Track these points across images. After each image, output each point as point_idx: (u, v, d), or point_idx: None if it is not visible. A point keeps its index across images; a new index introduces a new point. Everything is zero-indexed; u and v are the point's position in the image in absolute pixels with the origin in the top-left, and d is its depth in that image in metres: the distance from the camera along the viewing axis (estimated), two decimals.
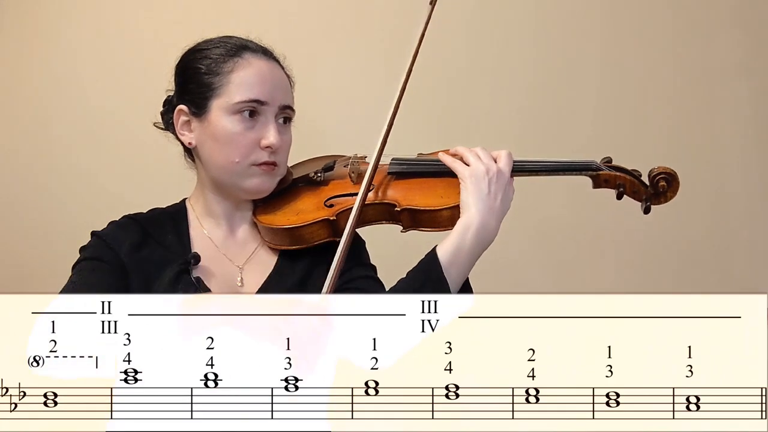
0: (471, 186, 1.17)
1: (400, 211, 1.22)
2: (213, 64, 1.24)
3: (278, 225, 1.25)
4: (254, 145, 1.23)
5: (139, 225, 1.27)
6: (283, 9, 2.30)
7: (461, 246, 1.15)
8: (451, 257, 1.14)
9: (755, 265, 2.26)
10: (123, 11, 2.30)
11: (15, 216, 2.31)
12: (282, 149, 1.26)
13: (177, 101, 1.29)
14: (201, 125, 1.25)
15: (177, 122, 1.28)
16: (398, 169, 1.29)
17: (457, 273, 1.15)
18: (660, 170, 1.24)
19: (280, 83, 1.27)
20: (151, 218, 1.30)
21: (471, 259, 1.16)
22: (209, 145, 1.25)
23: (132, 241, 1.24)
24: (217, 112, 1.23)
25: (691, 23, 2.29)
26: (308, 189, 1.32)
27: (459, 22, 2.28)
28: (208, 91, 1.24)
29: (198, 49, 1.28)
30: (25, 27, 2.31)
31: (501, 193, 1.18)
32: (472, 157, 1.21)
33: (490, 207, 1.17)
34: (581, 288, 2.15)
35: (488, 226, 1.16)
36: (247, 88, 1.23)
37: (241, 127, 1.23)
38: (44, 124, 2.32)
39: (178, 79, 1.31)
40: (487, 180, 1.17)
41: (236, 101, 1.22)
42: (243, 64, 1.24)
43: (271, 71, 1.26)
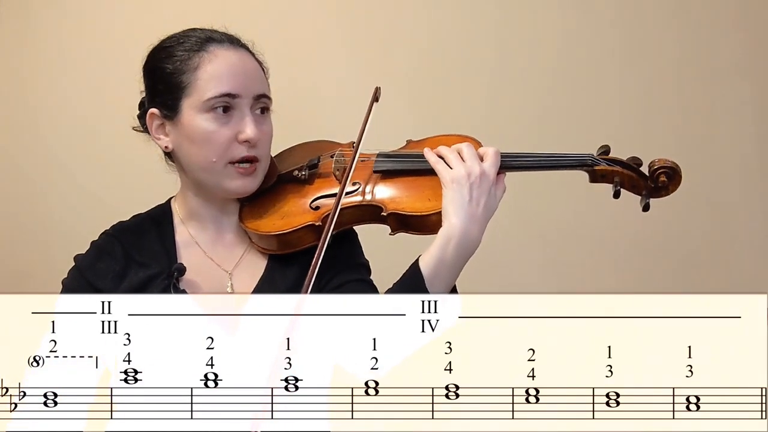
0: (451, 193, 1.11)
1: (387, 215, 1.19)
2: (179, 63, 1.19)
3: (264, 231, 1.22)
4: (231, 141, 1.18)
5: (120, 246, 1.22)
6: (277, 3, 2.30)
7: (443, 258, 1.10)
8: (434, 270, 1.10)
9: (755, 265, 2.26)
10: (115, 11, 2.30)
11: (15, 216, 2.31)
12: (262, 141, 1.20)
13: (148, 105, 1.23)
14: (175, 128, 1.20)
15: (151, 127, 1.23)
16: (385, 166, 1.24)
17: (441, 284, 1.11)
18: (661, 163, 1.16)
19: (251, 72, 1.21)
20: (133, 230, 1.25)
21: (454, 269, 1.11)
22: (186, 147, 1.20)
23: (114, 272, 1.20)
24: (189, 112, 1.18)
25: (691, 23, 2.29)
26: (293, 188, 1.28)
27: (458, 13, 2.28)
28: (177, 91, 1.18)
29: (161, 48, 1.23)
30: (19, 29, 2.31)
31: (484, 197, 1.12)
32: (454, 159, 1.14)
33: (472, 215, 1.11)
34: (581, 288, 2.14)
35: (470, 235, 1.10)
36: (216, 83, 1.17)
37: (215, 125, 1.17)
38: (44, 124, 2.32)
39: (146, 81, 1.25)
40: (468, 185, 1.11)
41: (207, 98, 1.16)
42: (209, 57, 1.18)
43: (240, 61, 1.20)
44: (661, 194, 1.18)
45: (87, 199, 2.25)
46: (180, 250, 1.24)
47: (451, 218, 1.10)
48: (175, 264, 1.18)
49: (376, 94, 1.24)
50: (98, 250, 1.23)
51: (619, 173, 1.17)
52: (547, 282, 2.23)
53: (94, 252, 1.23)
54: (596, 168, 1.17)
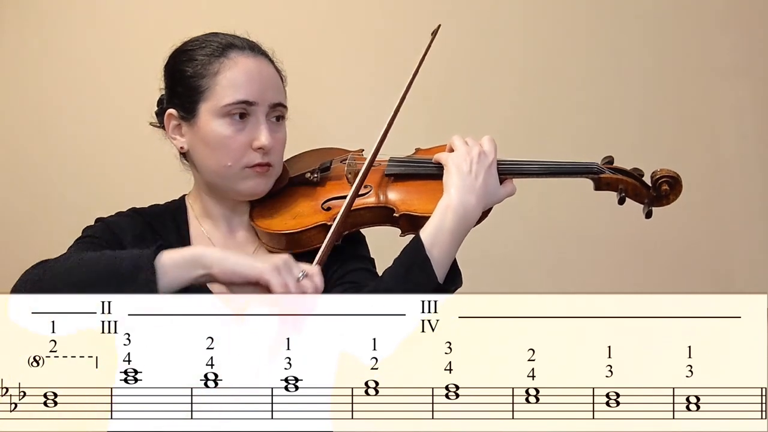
0: (452, 167, 1.17)
1: (399, 216, 1.21)
2: (199, 66, 1.21)
3: (275, 230, 1.24)
4: (246, 147, 1.21)
5: (143, 219, 1.26)
6: (285, 4, 2.30)
7: (442, 226, 1.13)
8: (433, 238, 1.12)
9: (755, 265, 2.26)
10: (123, 7, 2.30)
11: (15, 216, 2.31)
12: (275, 149, 1.23)
13: (167, 104, 1.26)
14: (191, 129, 1.23)
15: (168, 126, 1.26)
16: (396, 170, 1.27)
17: (440, 253, 1.13)
18: (663, 173, 1.22)
19: (269, 81, 1.24)
20: (154, 214, 1.29)
21: (453, 239, 1.14)
22: (201, 150, 1.23)
23: (135, 233, 1.23)
24: (207, 116, 1.21)
25: (691, 23, 2.29)
26: (304, 190, 1.30)
27: (464, 19, 2.28)
28: (195, 94, 1.21)
29: (183, 50, 1.25)
30: (24, 26, 2.31)
31: (483, 172, 1.17)
32: (457, 141, 1.22)
33: (471, 185, 1.16)
34: (581, 288, 2.14)
35: (467, 204, 1.15)
36: (234, 90, 1.19)
37: (231, 130, 1.20)
38: (44, 124, 2.32)
39: (166, 81, 1.28)
40: (468, 160, 1.17)
41: (224, 104, 1.19)
42: (229, 64, 1.21)
43: (258, 69, 1.23)
44: (662, 203, 1.23)
45: (88, 199, 2.25)
46: (194, 243, 1.26)
47: (450, 189, 1.16)
48: None
49: (435, 31, 1.35)
50: (122, 215, 1.28)
51: (623, 182, 1.23)
52: (547, 282, 2.23)
53: (117, 215, 1.28)
54: (601, 176, 1.23)
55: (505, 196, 1.21)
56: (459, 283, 1.17)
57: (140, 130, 1.34)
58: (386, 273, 1.15)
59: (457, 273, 1.17)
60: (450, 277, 1.15)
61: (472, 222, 1.16)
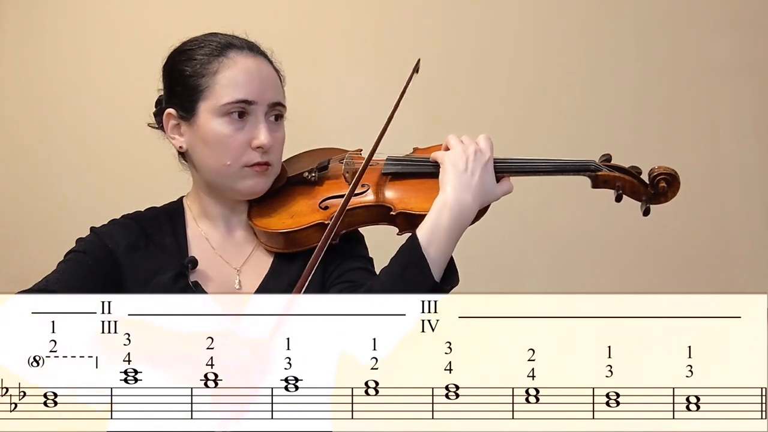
0: (448, 165, 1.17)
1: (396, 215, 1.21)
2: (198, 66, 1.22)
3: (273, 229, 1.24)
4: (245, 146, 1.21)
5: (137, 225, 1.26)
6: (284, 4, 2.30)
7: (438, 224, 1.13)
8: (429, 236, 1.12)
9: (755, 265, 2.26)
10: (123, 7, 2.30)
11: (15, 216, 2.31)
12: (274, 148, 1.24)
13: (166, 104, 1.26)
14: (190, 129, 1.23)
15: (167, 126, 1.26)
16: (393, 169, 1.27)
17: (437, 251, 1.13)
18: (661, 170, 1.21)
19: (268, 80, 1.24)
20: (149, 218, 1.29)
21: (450, 236, 1.14)
22: (200, 149, 1.23)
23: (129, 241, 1.23)
24: (206, 115, 1.21)
25: (688, 21, 2.29)
26: (302, 189, 1.31)
27: (460, 17, 2.28)
28: (194, 93, 1.21)
29: (182, 50, 1.26)
30: (24, 26, 2.31)
31: (479, 170, 1.17)
32: (453, 140, 1.22)
33: (467, 183, 1.15)
34: (581, 288, 2.14)
35: (463, 202, 1.14)
36: (233, 89, 1.20)
37: (230, 129, 1.20)
38: (44, 124, 2.32)
39: (165, 81, 1.28)
40: (465, 157, 1.17)
41: (223, 103, 1.20)
42: (228, 63, 1.21)
43: (257, 68, 1.23)
44: (660, 200, 1.22)
45: (88, 199, 2.25)
46: (191, 246, 1.27)
47: (446, 187, 1.16)
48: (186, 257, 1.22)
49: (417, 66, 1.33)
50: (115, 223, 1.27)
51: (621, 179, 1.22)
52: (547, 282, 2.23)
53: (111, 224, 1.27)
54: (599, 174, 1.22)
55: (502, 194, 1.21)
56: (456, 281, 1.17)
57: (140, 131, 1.34)
58: (383, 272, 1.15)
59: (453, 271, 1.17)
60: (447, 275, 1.15)
61: (468, 220, 1.16)
